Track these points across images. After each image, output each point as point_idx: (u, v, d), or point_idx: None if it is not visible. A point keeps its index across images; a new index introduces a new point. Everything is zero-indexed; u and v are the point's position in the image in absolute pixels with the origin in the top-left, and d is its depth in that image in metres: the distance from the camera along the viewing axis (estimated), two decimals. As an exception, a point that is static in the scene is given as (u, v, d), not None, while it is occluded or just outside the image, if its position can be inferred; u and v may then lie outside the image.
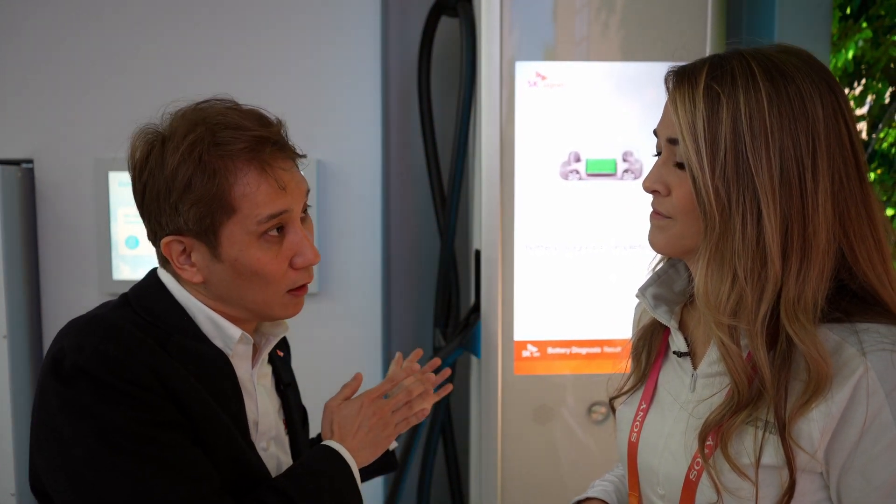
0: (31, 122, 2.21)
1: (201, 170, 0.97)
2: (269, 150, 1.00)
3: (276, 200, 1.00)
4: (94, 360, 0.94)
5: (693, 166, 0.87)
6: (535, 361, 2.02)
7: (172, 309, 1.04)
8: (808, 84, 0.86)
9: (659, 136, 0.95)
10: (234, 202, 0.98)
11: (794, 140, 0.85)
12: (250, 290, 1.03)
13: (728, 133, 0.85)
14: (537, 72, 1.96)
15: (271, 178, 1.00)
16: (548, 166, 1.98)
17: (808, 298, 0.85)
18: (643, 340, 1.06)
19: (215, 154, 0.98)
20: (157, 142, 1.00)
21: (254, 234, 1.00)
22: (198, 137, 0.98)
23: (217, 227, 0.99)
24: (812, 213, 0.85)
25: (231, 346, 1.06)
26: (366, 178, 2.29)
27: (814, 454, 0.85)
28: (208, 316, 1.05)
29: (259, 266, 1.01)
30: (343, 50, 2.24)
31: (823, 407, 0.84)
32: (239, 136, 0.98)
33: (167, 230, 1.01)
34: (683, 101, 0.88)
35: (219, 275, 1.02)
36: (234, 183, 0.98)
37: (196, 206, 0.98)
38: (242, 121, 1.00)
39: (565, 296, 2.01)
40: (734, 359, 0.88)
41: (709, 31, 1.99)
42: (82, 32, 2.19)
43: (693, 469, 0.92)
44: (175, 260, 1.02)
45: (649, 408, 1.02)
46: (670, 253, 0.97)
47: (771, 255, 0.85)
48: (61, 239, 2.24)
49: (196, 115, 1.01)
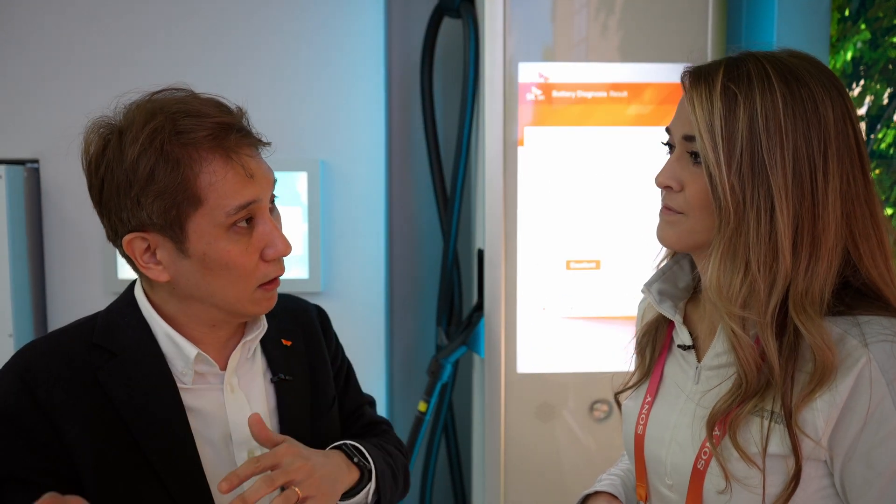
0: (36, 123, 2.22)
1: (164, 160, 0.93)
2: (233, 137, 0.96)
3: (243, 190, 0.95)
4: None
5: (710, 163, 0.89)
6: (537, 359, 2.04)
7: (136, 327, 1.01)
8: (819, 88, 0.89)
9: (672, 133, 0.98)
10: (201, 193, 0.94)
11: (807, 141, 0.88)
12: (220, 286, 0.98)
13: (745, 131, 0.88)
14: (540, 73, 1.97)
15: (238, 165, 0.95)
16: (551, 166, 1.99)
17: (815, 292, 0.88)
18: (647, 335, 1.08)
19: (177, 143, 0.93)
20: (114, 134, 0.96)
21: (222, 227, 0.95)
22: (158, 126, 0.93)
23: (183, 220, 0.95)
24: (822, 211, 0.88)
25: (189, 365, 1.02)
26: (369, 178, 2.29)
27: (818, 441, 0.87)
28: (167, 333, 1.01)
29: (229, 259, 0.96)
30: (346, 51, 2.25)
31: (827, 396, 0.86)
32: (201, 123, 0.94)
33: (128, 226, 0.96)
34: (701, 100, 0.90)
35: (186, 272, 0.97)
36: (200, 172, 0.94)
37: (160, 198, 0.93)
38: (203, 108, 0.96)
39: (567, 296, 2.02)
40: (745, 349, 0.90)
41: (710, 33, 2.00)
42: (89, 32, 2.20)
43: (700, 458, 0.94)
44: (139, 258, 0.97)
45: (655, 400, 1.04)
46: (680, 248, 1.00)
47: (782, 250, 0.88)
48: (67, 238, 2.24)
49: (153, 104, 0.96)
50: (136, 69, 2.20)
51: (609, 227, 2.01)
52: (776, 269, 0.88)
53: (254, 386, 1.09)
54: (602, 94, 1.98)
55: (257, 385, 1.09)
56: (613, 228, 2.01)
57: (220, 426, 1.04)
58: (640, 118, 1.99)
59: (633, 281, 1.94)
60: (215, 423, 1.04)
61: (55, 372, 0.98)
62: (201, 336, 1.04)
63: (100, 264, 2.23)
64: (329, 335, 1.25)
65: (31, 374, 0.97)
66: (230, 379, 1.06)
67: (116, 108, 0.98)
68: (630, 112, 1.99)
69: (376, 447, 1.15)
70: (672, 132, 0.98)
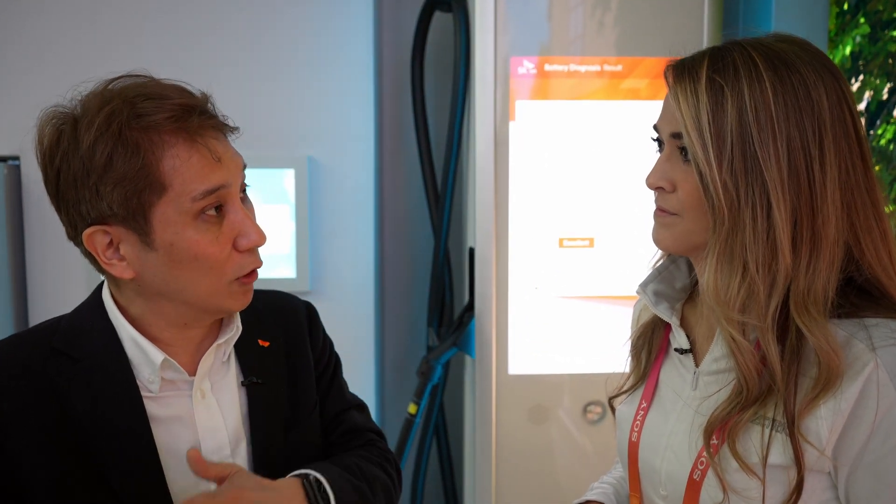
0: (17, 119, 2.16)
1: (122, 145, 0.87)
2: (196, 120, 0.90)
3: (210, 174, 0.89)
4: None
5: (699, 161, 0.85)
6: (529, 360, 2.00)
7: (101, 332, 0.95)
8: (811, 72, 0.84)
9: (660, 132, 0.93)
10: (164, 178, 0.88)
11: (801, 130, 0.83)
12: (191, 280, 0.92)
13: (734, 126, 0.83)
14: (532, 67, 1.93)
15: (203, 147, 0.90)
16: (543, 163, 1.96)
17: (818, 291, 0.84)
18: (643, 338, 1.04)
19: (136, 126, 0.88)
20: (68, 123, 0.90)
21: (189, 214, 0.89)
22: (114, 109, 0.88)
23: (146, 209, 0.88)
24: (821, 204, 0.83)
25: (155, 371, 0.96)
26: (358, 175, 2.27)
27: (822, 451, 0.83)
28: (132, 338, 0.95)
29: (198, 249, 0.90)
30: (335, 44, 2.22)
31: (832, 403, 0.82)
32: (161, 105, 0.88)
33: (88, 219, 0.90)
34: (686, 96, 0.86)
35: (153, 266, 0.91)
36: (162, 157, 0.88)
37: (120, 186, 0.87)
38: (163, 91, 0.91)
39: (560, 295, 1.99)
40: (745, 354, 0.86)
41: (706, 28, 1.97)
42: (71, 28, 2.17)
43: (697, 468, 0.90)
44: (101, 255, 0.91)
45: (650, 406, 1.00)
46: (677, 251, 0.95)
47: (781, 248, 0.83)
48: (48, 238, 2.20)
49: (110, 90, 0.91)
50: (120, 66, 2.10)
51: (602, 205, 1.97)
52: (775, 268, 0.83)
53: (227, 391, 1.02)
54: (595, 68, 1.94)
55: (230, 390, 1.03)
56: (607, 206, 1.97)
57: (189, 436, 0.98)
58: (634, 92, 1.96)
59: (626, 259, 1.94)
60: (184, 432, 0.98)
61: (4, 381, 0.93)
62: (171, 338, 0.98)
63: (82, 263, 2.15)
64: (316, 335, 1.17)
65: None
66: (200, 384, 1.00)
67: (72, 98, 0.93)
68: (624, 87, 1.95)
69: (347, 473, 1.05)
70: (660, 130, 0.93)
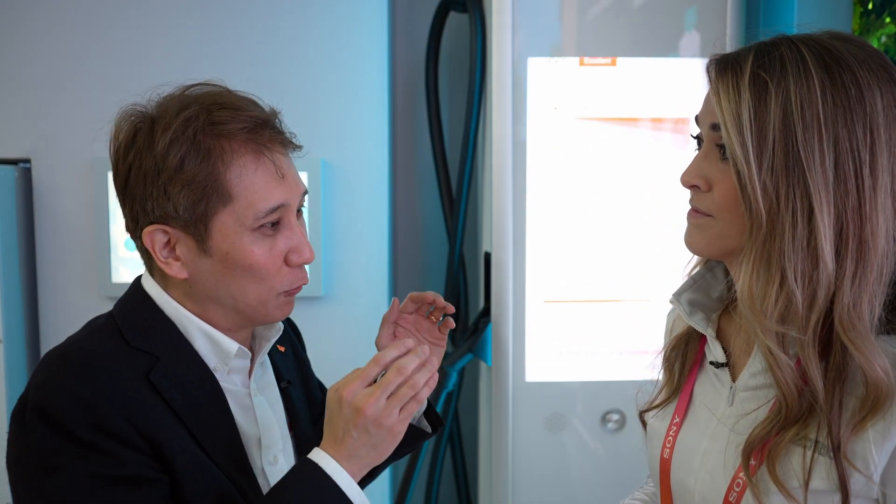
0: (28, 121, 2.16)
1: (195, 149, 0.91)
2: (267, 133, 0.95)
3: (273, 191, 0.94)
4: (59, 402, 0.85)
5: (738, 160, 0.80)
6: (547, 367, 1.96)
7: (162, 326, 0.97)
8: (865, 72, 0.79)
9: (700, 125, 0.88)
10: (230, 187, 0.92)
11: (851, 132, 0.78)
12: (241, 289, 0.95)
13: (777, 124, 0.79)
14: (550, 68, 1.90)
15: (269, 162, 0.94)
16: (560, 166, 1.92)
17: (864, 305, 0.79)
18: (676, 350, 0.99)
19: (210, 133, 0.91)
20: (145, 122, 0.94)
21: (248, 228, 0.93)
22: (192, 115, 0.91)
23: (209, 217, 0.92)
24: (870, 212, 0.78)
25: (228, 361, 0.99)
26: (372, 179, 2.23)
27: (870, 477, 0.78)
28: (203, 330, 0.98)
29: (252, 260, 0.94)
30: (349, 46, 2.19)
31: (881, 426, 0.77)
32: (236, 116, 0.93)
33: (152, 217, 0.93)
34: (727, 91, 0.81)
35: (206, 271, 0.95)
36: (230, 164, 0.92)
37: (188, 189, 0.91)
38: (238, 102, 0.95)
39: (579, 300, 1.94)
40: (783, 369, 0.81)
41: (728, 28, 1.93)
42: (83, 32, 2.14)
43: (733, 490, 0.85)
44: (157, 253, 0.94)
45: (683, 422, 0.95)
46: (710, 254, 0.91)
47: (823, 257, 0.78)
48: (59, 240, 2.18)
49: (187, 96, 0.95)
50: (131, 69, 2.14)
51: (622, 207, 1.93)
52: (817, 279, 0.79)
53: (270, 390, 1.08)
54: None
55: (272, 390, 1.09)
56: (627, 209, 1.93)
57: (250, 424, 1.02)
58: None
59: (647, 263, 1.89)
60: (246, 420, 1.02)
61: (126, 379, 0.91)
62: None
63: (94, 267, 2.17)
64: (301, 339, 1.27)
65: (102, 381, 0.90)
66: (263, 378, 1.06)
67: (149, 99, 0.96)
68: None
69: None
70: (700, 122, 0.88)
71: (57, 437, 0.85)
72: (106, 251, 2.14)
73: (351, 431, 0.90)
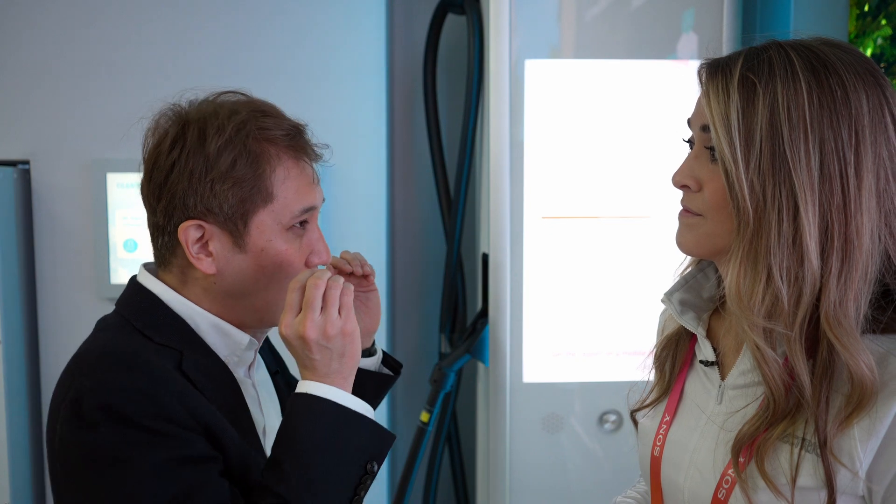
0: (28, 123, 2.17)
1: (246, 153, 0.97)
2: (303, 142, 1.04)
3: (308, 193, 1.01)
4: (121, 398, 0.88)
5: (726, 159, 0.82)
6: (544, 368, 1.97)
7: (173, 322, 0.99)
8: (851, 75, 0.81)
9: (692, 127, 0.90)
10: (273, 188, 0.98)
11: (836, 133, 0.79)
12: (266, 285, 1.00)
13: (764, 124, 0.80)
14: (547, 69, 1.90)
15: (308, 166, 1.03)
16: (558, 168, 1.92)
17: (849, 303, 0.80)
18: (667, 349, 1.00)
19: (260, 138, 0.99)
20: (193, 123, 0.99)
21: (283, 226, 1.00)
22: (243, 120, 0.98)
23: (249, 214, 0.98)
24: (855, 211, 0.80)
25: (238, 353, 1.03)
26: (370, 180, 2.24)
27: (856, 473, 0.79)
28: (213, 324, 1.01)
29: (283, 258, 1.00)
30: (347, 48, 2.19)
31: (866, 423, 0.78)
32: (279, 123, 1.01)
33: (192, 212, 0.97)
34: (717, 92, 0.83)
35: (236, 267, 0.99)
36: (275, 168, 0.99)
37: (237, 187, 0.97)
38: (277, 111, 1.04)
39: (576, 302, 1.95)
40: (770, 364, 0.82)
41: (724, 30, 1.94)
42: (80, 32, 2.15)
43: (722, 487, 0.86)
44: (190, 247, 0.98)
45: (673, 420, 0.96)
46: (700, 254, 0.92)
47: (808, 255, 0.80)
48: (58, 242, 2.18)
49: (230, 103, 1.02)
50: (130, 73, 2.15)
51: (620, 208, 1.94)
52: (802, 276, 0.80)
53: (265, 380, 1.14)
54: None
55: (268, 379, 1.14)
56: (624, 210, 1.94)
57: (256, 413, 1.07)
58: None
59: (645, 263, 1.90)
60: (252, 412, 1.06)
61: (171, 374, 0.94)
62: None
63: (92, 268, 2.17)
64: None
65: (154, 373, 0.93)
66: (260, 369, 1.11)
67: (180, 100, 1.02)
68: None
69: None
70: (692, 124, 0.90)
71: (124, 430, 0.87)
72: (105, 252, 2.14)
73: (312, 356, 0.95)
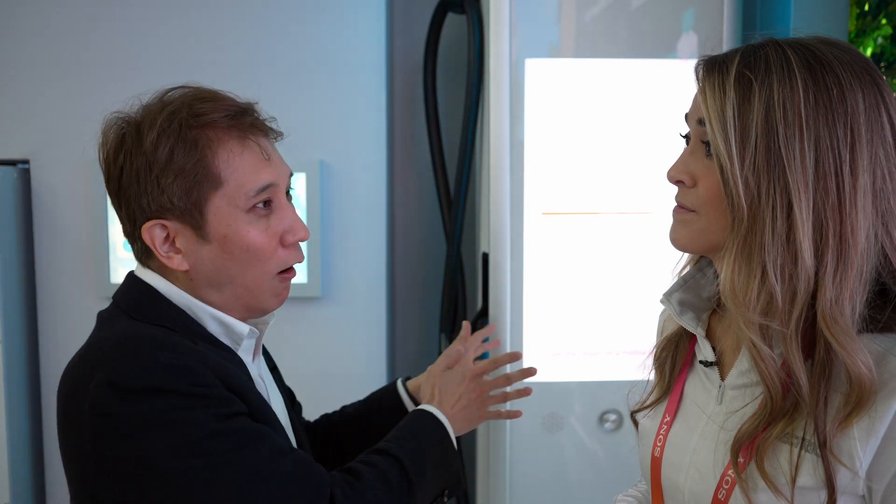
0: (27, 122, 2.17)
1: (182, 141, 0.96)
2: (248, 120, 1.00)
3: (261, 171, 0.99)
4: (164, 374, 0.91)
5: (721, 155, 0.82)
6: (544, 368, 1.96)
7: (176, 313, 1.00)
8: (847, 74, 0.81)
9: (689, 122, 0.90)
10: (219, 172, 0.97)
11: (831, 131, 0.79)
12: (240, 272, 1.00)
13: (760, 121, 0.80)
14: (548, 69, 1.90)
15: (254, 144, 0.99)
16: (559, 167, 1.92)
17: (845, 302, 0.80)
18: (667, 350, 1.00)
19: (195, 124, 0.97)
20: (131, 125, 0.99)
21: (241, 209, 0.98)
22: (175, 109, 0.97)
23: (203, 203, 0.97)
24: (849, 210, 0.79)
25: (239, 342, 1.04)
26: (370, 180, 2.24)
27: (856, 472, 0.79)
28: (212, 314, 1.02)
29: (250, 241, 0.99)
30: (346, 47, 2.19)
31: (866, 423, 0.78)
32: (216, 106, 0.98)
33: (148, 213, 0.98)
34: (713, 89, 0.83)
35: (206, 258, 0.99)
36: (217, 151, 0.97)
37: (180, 178, 0.96)
38: (217, 95, 1.01)
39: (576, 301, 1.95)
40: (766, 361, 0.82)
41: (724, 29, 1.94)
42: (82, 33, 2.15)
43: (722, 487, 0.86)
44: (158, 248, 0.99)
45: (673, 420, 0.96)
46: (694, 250, 0.92)
47: (802, 253, 0.79)
48: (58, 241, 2.19)
49: (170, 96, 1.01)
50: (130, 70, 2.15)
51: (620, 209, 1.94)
52: (796, 273, 0.80)
53: (267, 371, 1.15)
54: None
55: (268, 373, 1.15)
56: (624, 211, 1.94)
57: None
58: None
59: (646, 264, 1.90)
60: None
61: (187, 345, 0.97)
62: None
63: (92, 267, 2.17)
64: None
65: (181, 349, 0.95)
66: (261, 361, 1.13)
67: (131, 106, 1.02)
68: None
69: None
70: (688, 119, 0.90)
71: (167, 399, 0.90)
72: (104, 252, 2.14)
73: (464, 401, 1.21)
